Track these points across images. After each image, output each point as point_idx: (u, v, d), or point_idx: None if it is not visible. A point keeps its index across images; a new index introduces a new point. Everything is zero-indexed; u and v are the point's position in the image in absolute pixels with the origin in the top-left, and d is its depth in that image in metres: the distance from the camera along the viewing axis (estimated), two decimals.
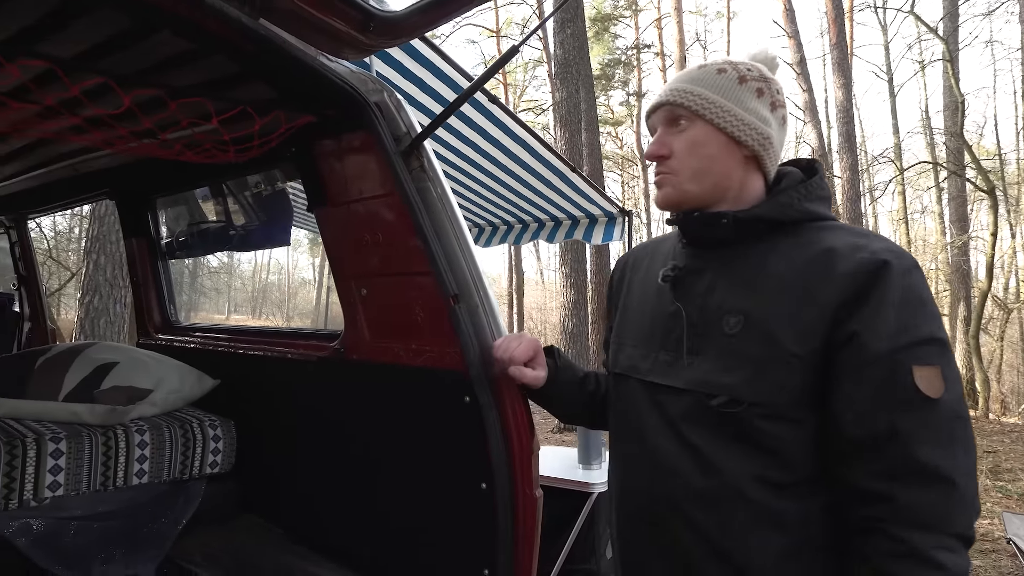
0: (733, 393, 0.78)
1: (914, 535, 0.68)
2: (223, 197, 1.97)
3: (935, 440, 0.69)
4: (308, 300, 32.67)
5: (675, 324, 0.88)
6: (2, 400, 1.43)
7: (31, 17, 0.97)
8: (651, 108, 0.92)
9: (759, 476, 0.78)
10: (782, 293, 0.79)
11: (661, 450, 0.86)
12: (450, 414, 1.16)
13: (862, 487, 0.72)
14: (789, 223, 0.84)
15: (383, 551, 1.32)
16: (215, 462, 1.58)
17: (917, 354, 0.71)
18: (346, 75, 1.18)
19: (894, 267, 0.73)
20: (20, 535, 1.22)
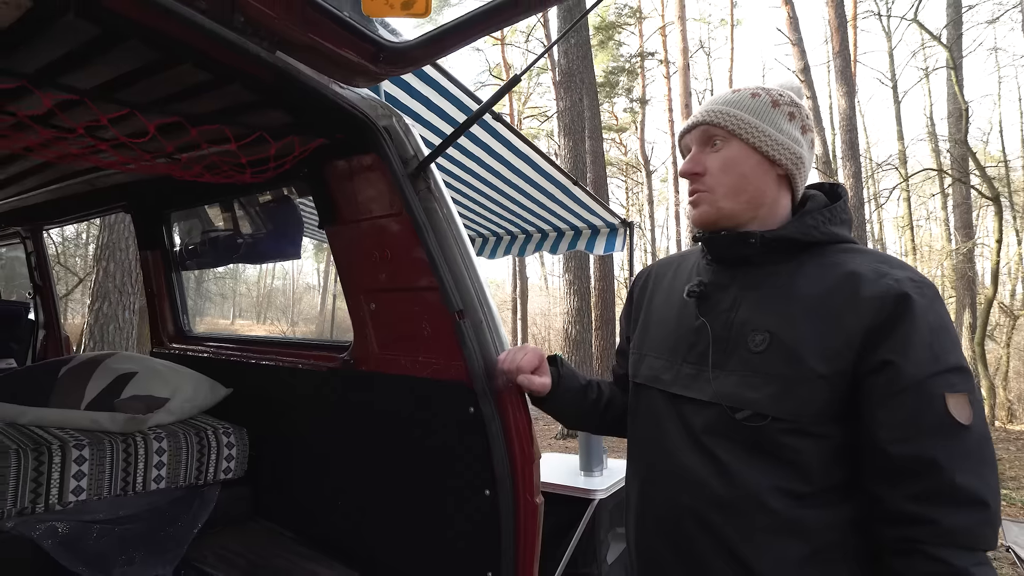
0: (758, 408, 0.81)
1: (953, 555, 0.71)
2: (236, 212, 2.04)
3: (969, 466, 0.73)
4: (313, 306, 32.76)
5: (699, 338, 0.91)
6: (27, 408, 1.50)
7: (66, 48, 1.04)
8: (686, 128, 0.96)
9: (779, 487, 0.81)
10: (808, 314, 0.82)
11: (683, 459, 0.89)
12: (455, 424, 1.22)
13: (899, 508, 0.75)
14: (814, 245, 0.88)
15: (391, 554, 1.37)
16: (229, 468, 1.64)
17: (948, 382, 0.74)
18: (357, 101, 1.25)
19: (921, 297, 0.77)
20: (47, 537, 1.28)
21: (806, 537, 0.80)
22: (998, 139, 19.80)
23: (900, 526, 0.75)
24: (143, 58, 1.06)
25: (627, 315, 1.17)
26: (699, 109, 0.96)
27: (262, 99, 1.19)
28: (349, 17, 1.08)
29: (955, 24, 15.09)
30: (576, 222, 4.24)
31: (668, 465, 0.91)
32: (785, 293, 0.85)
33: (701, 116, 0.93)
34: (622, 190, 24.29)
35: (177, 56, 1.04)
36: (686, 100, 17.74)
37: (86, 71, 1.11)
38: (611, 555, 2.43)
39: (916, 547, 0.73)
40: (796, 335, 0.81)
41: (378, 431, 1.41)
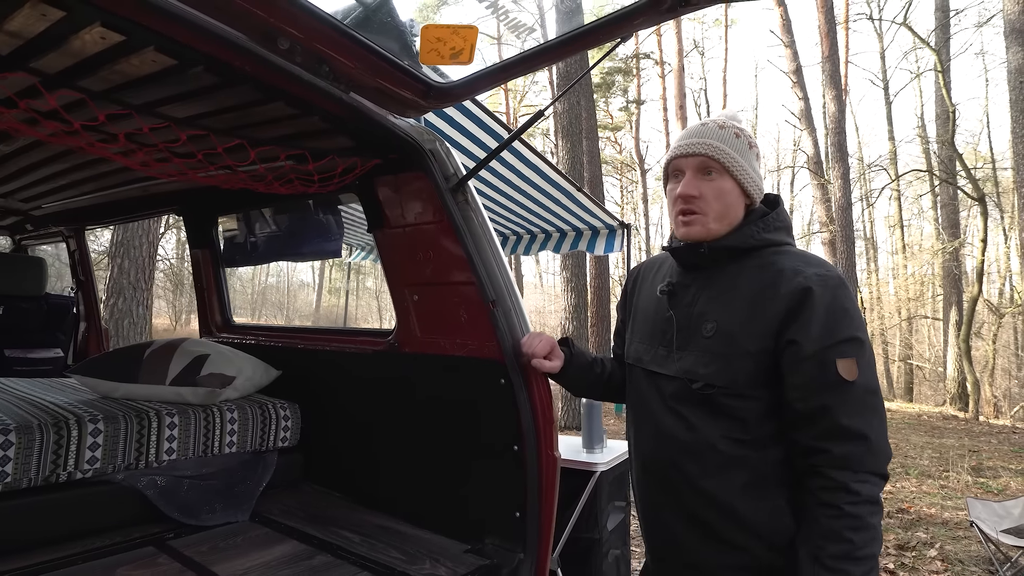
0: (708, 380, 1.07)
1: (840, 474, 0.96)
2: (280, 215, 2.30)
3: (853, 411, 0.97)
4: (308, 303, 32.91)
5: (668, 327, 1.17)
6: (120, 384, 1.77)
7: (187, 88, 1.31)
8: (685, 153, 1.12)
9: (726, 435, 1.06)
10: (744, 306, 1.06)
11: (660, 419, 1.15)
12: (488, 393, 1.49)
13: (806, 444, 1.00)
14: (753, 249, 1.11)
15: (432, 504, 1.64)
16: (285, 437, 1.91)
17: (839, 351, 0.98)
18: (408, 129, 1.52)
19: (822, 288, 1.00)
20: (149, 488, 1.55)
21: (746, 470, 1.05)
22: (987, 140, 20.23)
23: (806, 457, 1.00)
24: (248, 96, 1.33)
25: (623, 305, 1.44)
26: (693, 139, 1.13)
27: (334, 127, 1.45)
28: (408, 65, 1.36)
29: (943, 28, 15.44)
30: (577, 224, 4.53)
31: (650, 425, 1.19)
32: (729, 290, 1.10)
33: (702, 149, 1.11)
34: (617, 188, 24.61)
35: (274, 96, 1.31)
36: (680, 100, 18.02)
37: (200, 104, 1.38)
38: (610, 523, 2.71)
39: (816, 470, 0.99)
40: (734, 323, 1.06)
41: (419, 402, 1.68)
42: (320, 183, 1.54)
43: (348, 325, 16.74)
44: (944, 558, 3.93)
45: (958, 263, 16.13)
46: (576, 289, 8.38)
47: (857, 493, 0.95)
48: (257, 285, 34.39)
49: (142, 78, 1.27)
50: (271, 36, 1.19)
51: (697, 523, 1.10)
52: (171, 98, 1.37)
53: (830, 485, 0.96)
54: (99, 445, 1.47)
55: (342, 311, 17.91)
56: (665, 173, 1.20)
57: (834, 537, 0.94)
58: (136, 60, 1.17)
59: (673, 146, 1.17)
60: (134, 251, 6.82)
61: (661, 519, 1.18)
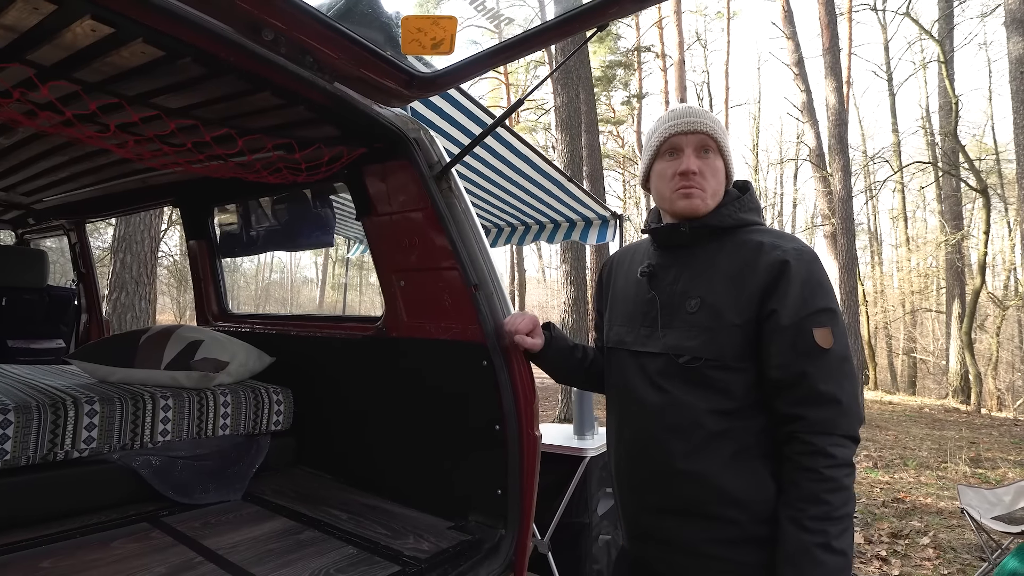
0: (695, 353, 1.09)
1: (816, 438, 0.99)
2: (274, 206, 2.35)
3: (828, 376, 1.01)
4: (311, 299, 33.06)
5: (651, 307, 1.18)
6: (117, 368, 1.82)
7: (179, 78, 1.35)
8: (685, 131, 1.15)
9: (711, 408, 1.07)
10: (726, 281, 1.09)
11: (644, 397, 1.16)
12: (471, 374, 1.54)
13: (783, 411, 1.03)
14: (729, 228, 1.15)
15: (417, 484, 1.69)
16: (278, 421, 1.96)
17: (815, 320, 1.02)
18: (392, 118, 1.56)
19: (798, 262, 1.05)
20: (144, 468, 1.60)
21: (732, 442, 1.07)
22: (991, 131, 20.11)
23: (784, 424, 1.04)
24: (234, 87, 1.37)
25: (598, 296, 1.46)
26: (691, 117, 1.15)
27: (320, 117, 1.50)
28: (391, 55, 1.40)
29: (947, 19, 15.36)
30: (571, 214, 4.57)
31: (634, 405, 1.20)
32: (710, 267, 1.13)
33: (702, 127, 1.14)
34: (619, 182, 24.58)
35: (261, 86, 1.35)
36: (682, 94, 17.98)
37: (189, 94, 1.42)
38: (601, 508, 2.76)
39: (794, 435, 1.02)
40: (718, 297, 1.09)
41: (407, 385, 1.73)
42: (307, 172, 1.58)
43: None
44: (936, 546, 3.97)
45: (961, 256, 16.08)
46: (575, 282, 8.40)
47: (833, 456, 0.98)
48: (261, 281, 34.57)
49: (133, 69, 1.31)
50: (256, 27, 1.23)
51: (682, 500, 1.10)
52: (163, 89, 1.41)
53: (808, 450, 1.00)
54: (95, 426, 1.53)
55: (346, 306, 18.16)
56: (656, 150, 1.20)
57: (813, 500, 0.97)
58: (126, 52, 1.21)
59: (665, 124, 1.18)
60: (136, 246, 6.88)
61: (643, 498, 1.19)
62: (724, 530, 1.07)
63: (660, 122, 1.20)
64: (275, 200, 2.33)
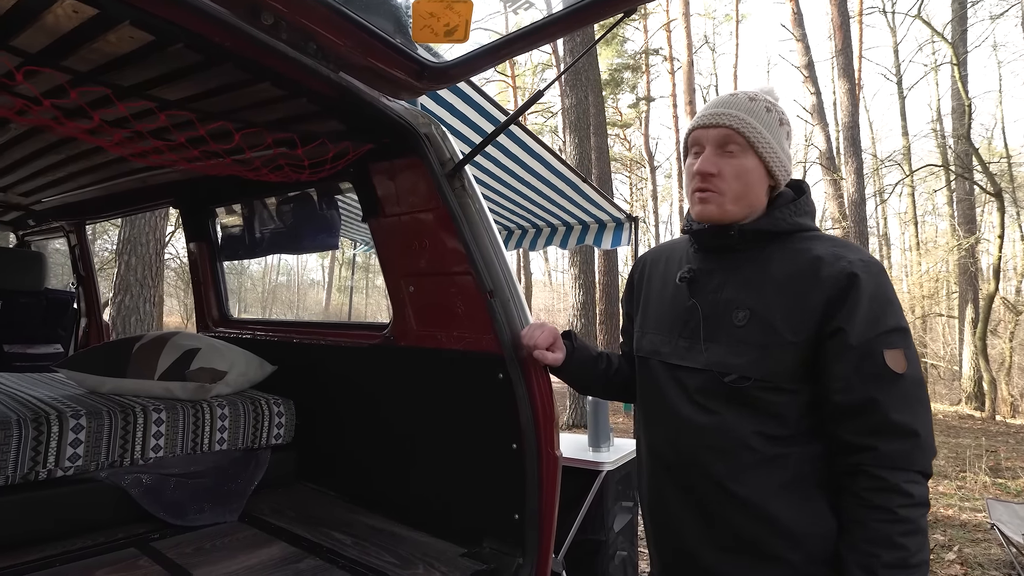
0: (742, 372, 0.98)
1: (891, 474, 0.89)
2: (277, 206, 2.24)
3: (903, 405, 0.90)
4: (317, 301, 33.06)
5: (691, 317, 1.07)
6: (108, 379, 1.71)
7: (169, 68, 1.25)
8: (706, 124, 1.03)
9: (760, 432, 0.97)
10: (780, 292, 0.98)
11: (683, 416, 1.05)
12: (486, 388, 1.42)
13: (849, 441, 0.92)
14: (783, 233, 1.04)
15: (426, 505, 1.58)
16: (279, 434, 1.85)
17: (886, 340, 0.92)
18: (402, 112, 1.45)
19: (867, 275, 0.94)
20: (134, 486, 1.49)
21: (783, 469, 0.97)
22: (1001, 135, 19.86)
23: (849, 454, 0.93)
24: (233, 76, 1.27)
25: (628, 298, 1.35)
26: (717, 109, 1.03)
27: (324, 110, 1.39)
28: (401, 43, 1.29)
29: (959, 20, 15.16)
30: (584, 217, 4.45)
31: (670, 422, 1.09)
32: (760, 275, 1.01)
33: (725, 119, 1.02)
34: (626, 186, 24.44)
35: (260, 76, 1.24)
36: (690, 96, 17.84)
37: (183, 85, 1.31)
38: (617, 524, 2.63)
39: (861, 469, 0.91)
40: (771, 310, 0.98)
41: (416, 397, 1.61)
42: (311, 170, 1.47)
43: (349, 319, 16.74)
44: (963, 561, 3.82)
45: (974, 260, 15.85)
46: (584, 286, 8.29)
47: (910, 495, 0.88)
48: (268, 284, 34.60)
49: (123, 57, 1.21)
50: (254, 10, 1.12)
51: (724, 530, 1.00)
52: (156, 80, 1.31)
53: (880, 486, 0.89)
54: (81, 442, 1.42)
55: (352, 309, 17.97)
56: (685, 146, 1.10)
57: (887, 543, 0.87)
58: (113, 37, 1.11)
59: (696, 116, 1.07)
60: (141, 248, 6.83)
61: (678, 526, 1.07)
62: (772, 568, 0.97)
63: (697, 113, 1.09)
64: (278, 201, 2.22)
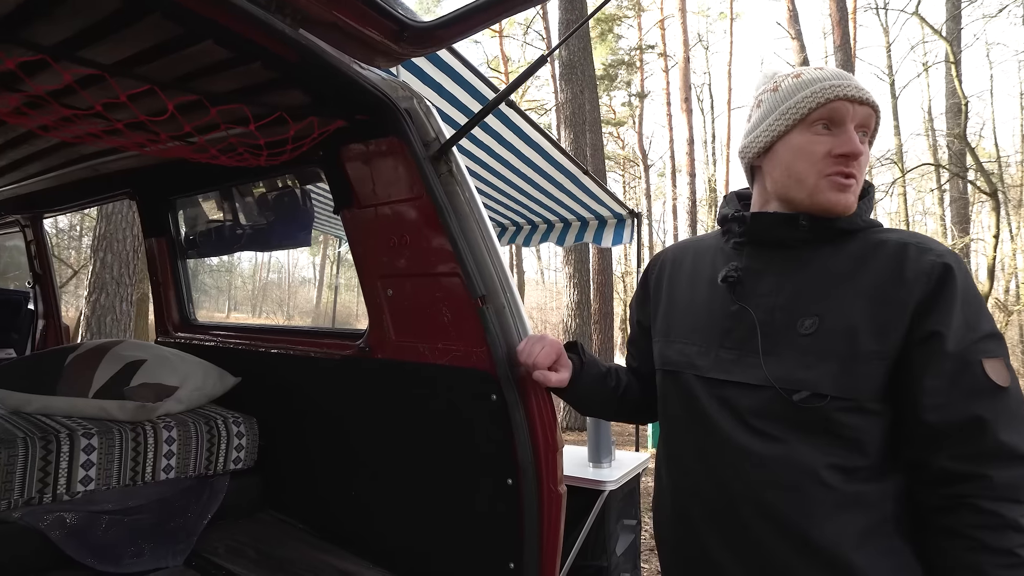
0: (816, 388, 0.81)
1: (1003, 507, 0.74)
2: (244, 198, 2.00)
3: (1012, 424, 0.76)
4: (308, 299, 32.65)
5: (736, 323, 0.90)
6: (33, 396, 1.46)
7: (83, 24, 1.00)
8: (855, 97, 0.85)
9: (835, 464, 0.81)
10: (856, 294, 0.83)
11: (732, 444, 0.87)
12: (476, 411, 1.20)
13: (947, 468, 0.77)
14: (855, 231, 0.88)
15: (407, 546, 1.35)
16: (239, 458, 1.61)
17: (985, 348, 0.78)
18: (378, 82, 1.22)
19: (959, 270, 0.79)
20: (54, 528, 1.25)
21: (865, 509, 0.80)
22: (991, 135, 19.88)
23: (948, 485, 0.77)
24: (165, 33, 1.03)
25: (641, 302, 1.13)
26: (857, 83, 0.86)
27: (282, 78, 1.15)
28: None
29: (955, 19, 15.07)
30: (583, 212, 4.21)
31: (715, 451, 0.89)
32: (828, 276, 0.85)
33: (871, 98, 0.86)
34: (619, 184, 24.24)
35: (200, 32, 1.00)
36: (685, 94, 17.67)
37: (106, 46, 1.07)
38: (619, 547, 2.42)
39: (965, 502, 0.75)
40: (847, 315, 0.82)
41: (395, 419, 1.38)
42: (270, 151, 1.23)
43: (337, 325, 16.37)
44: None
45: (968, 260, 15.81)
46: (579, 285, 8.08)
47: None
48: (258, 281, 34.09)
49: (23, 6, 0.97)
50: None
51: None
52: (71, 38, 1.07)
53: (992, 523, 0.74)
54: None
55: (343, 308, 17.51)
56: (803, 115, 0.87)
57: None
58: None
59: (822, 83, 0.86)
60: (117, 244, 6.54)
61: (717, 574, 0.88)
62: None
63: (807, 81, 0.87)
64: (244, 192, 1.98)
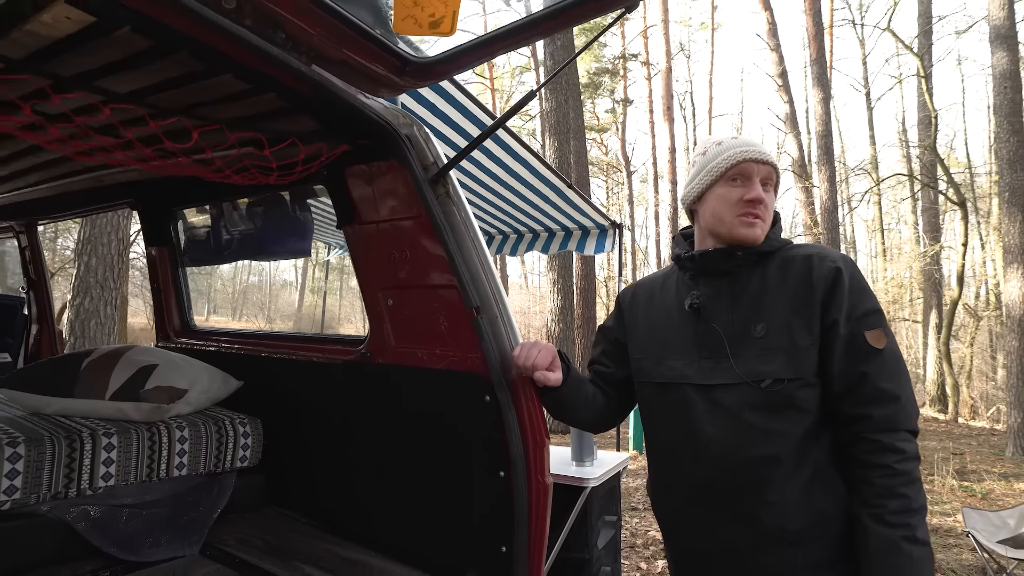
0: (776, 375, 1.07)
1: (883, 436, 1.01)
2: (244, 209, 2.10)
3: (885, 374, 1.03)
4: (290, 303, 32.40)
5: (708, 338, 1.14)
6: (53, 399, 1.56)
7: (118, 56, 1.11)
8: (758, 159, 1.16)
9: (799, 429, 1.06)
10: (787, 301, 1.10)
11: (723, 431, 1.10)
12: (471, 411, 1.32)
13: (848, 413, 1.04)
14: (772, 252, 1.16)
15: (407, 535, 1.46)
16: (244, 456, 1.71)
17: (867, 323, 1.05)
18: (381, 111, 1.34)
19: (847, 269, 1.09)
20: (80, 520, 1.34)
21: (817, 459, 1.06)
22: (963, 146, 20.53)
23: (849, 425, 1.04)
24: (189, 66, 1.14)
25: (617, 323, 1.33)
26: (760, 149, 1.17)
27: (295, 107, 1.27)
28: (380, 35, 1.17)
29: (926, 34, 15.60)
30: (567, 223, 4.37)
31: (713, 440, 1.11)
32: (765, 289, 1.13)
33: (772, 160, 1.17)
34: (603, 190, 24.53)
35: (221, 67, 1.12)
36: (668, 102, 17.97)
37: (133, 76, 1.18)
38: (601, 540, 2.54)
39: (860, 436, 1.02)
40: (783, 317, 1.09)
41: (395, 419, 1.50)
42: (280, 172, 1.35)
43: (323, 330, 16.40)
44: (936, 567, 3.84)
45: (938, 267, 16.31)
46: (562, 291, 8.24)
47: (903, 451, 1.00)
48: (238, 284, 33.75)
49: (62, 43, 1.07)
50: None
51: (769, 531, 1.06)
52: (101, 69, 1.17)
53: (877, 447, 1.01)
54: (19, 472, 1.27)
55: (324, 312, 17.58)
56: (721, 173, 1.17)
57: (890, 494, 0.98)
58: (48, 17, 0.97)
59: (735, 149, 1.17)
60: (102, 248, 6.51)
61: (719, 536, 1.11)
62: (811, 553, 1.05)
63: (725, 148, 1.18)
64: (246, 204, 2.08)
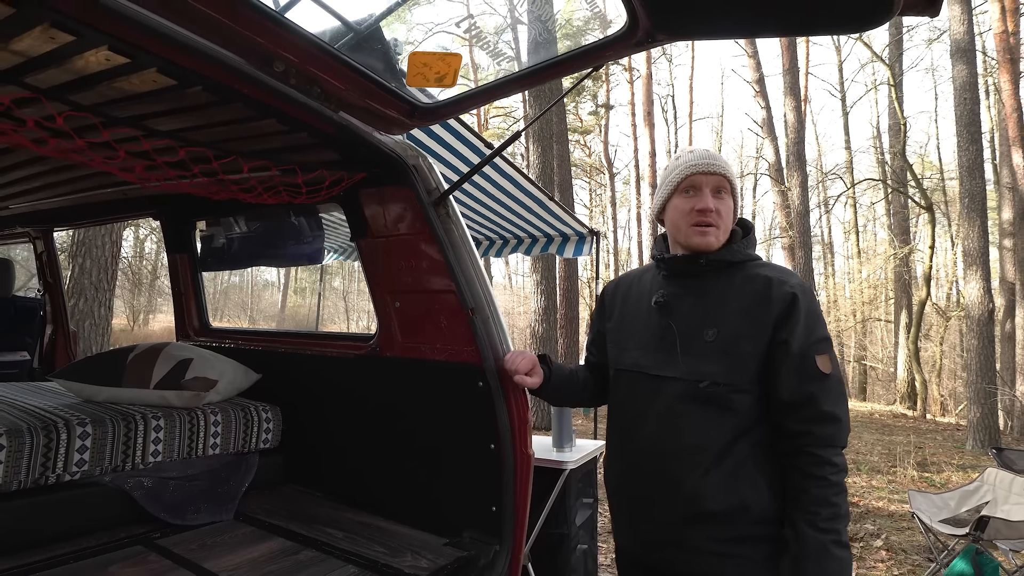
0: (714, 378, 1.19)
1: (822, 451, 1.13)
2: (261, 219, 2.34)
3: (830, 398, 1.14)
4: (273, 303, 32.25)
5: (667, 334, 1.27)
6: (103, 388, 1.80)
7: (184, 104, 1.37)
8: (705, 171, 1.25)
9: (725, 426, 1.18)
10: (740, 314, 1.20)
11: (663, 419, 1.24)
12: (466, 395, 1.59)
13: (793, 428, 1.16)
14: (740, 263, 1.27)
15: (410, 501, 1.73)
16: (267, 439, 1.97)
17: (818, 348, 1.16)
18: (393, 145, 1.61)
19: (803, 296, 1.19)
20: (136, 489, 1.59)
21: (739, 453, 1.19)
22: (935, 151, 21.23)
23: (793, 439, 1.16)
24: (240, 113, 1.40)
25: (600, 315, 1.53)
26: (710, 160, 1.26)
27: (323, 142, 1.53)
28: (395, 87, 1.44)
29: (896, 44, 16.19)
30: (549, 230, 4.68)
31: (651, 424, 1.26)
32: (723, 300, 1.24)
33: (720, 170, 1.26)
34: (586, 191, 24.90)
35: (267, 114, 1.38)
36: (649, 107, 18.39)
37: (190, 118, 1.43)
38: (579, 519, 2.83)
39: (802, 448, 1.14)
40: (734, 328, 1.20)
41: (400, 403, 1.77)
42: (308, 195, 1.61)
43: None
44: (888, 548, 4.19)
45: (908, 268, 16.91)
46: (545, 292, 8.51)
47: (836, 464, 1.13)
48: (219, 285, 33.50)
49: (139, 95, 1.32)
50: (267, 59, 1.26)
51: (693, 506, 1.19)
52: (162, 113, 1.43)
53: (816, 461, 1.13)
54: (87, 448, 1.51)
55: (308, 312, 17.65)
56: (675, 186, 1.29)
57: (824, 503, 1.11)
58: (136, 79, 1.23)
59: (686, 164, 1.27)
60: (96, 251, 6.63)
61: (653, 507, 1.25)
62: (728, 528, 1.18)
63: (680, 162, 1.29)
64: (260, 214, 2.32)
